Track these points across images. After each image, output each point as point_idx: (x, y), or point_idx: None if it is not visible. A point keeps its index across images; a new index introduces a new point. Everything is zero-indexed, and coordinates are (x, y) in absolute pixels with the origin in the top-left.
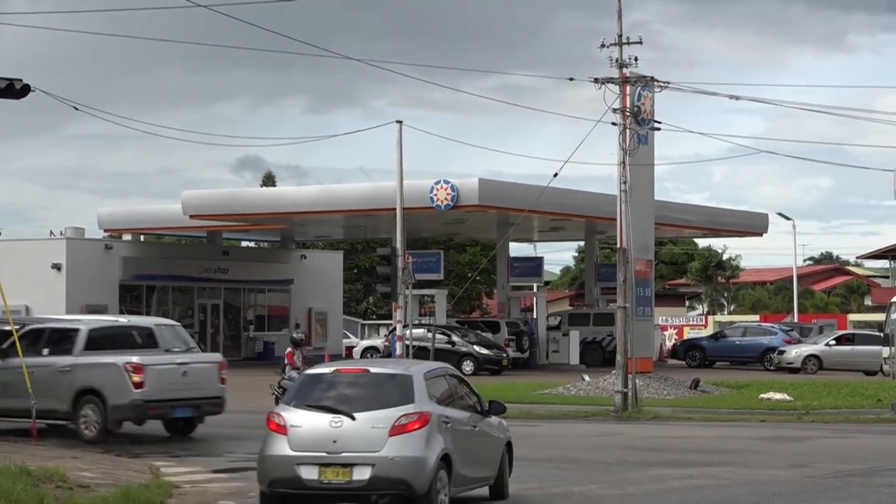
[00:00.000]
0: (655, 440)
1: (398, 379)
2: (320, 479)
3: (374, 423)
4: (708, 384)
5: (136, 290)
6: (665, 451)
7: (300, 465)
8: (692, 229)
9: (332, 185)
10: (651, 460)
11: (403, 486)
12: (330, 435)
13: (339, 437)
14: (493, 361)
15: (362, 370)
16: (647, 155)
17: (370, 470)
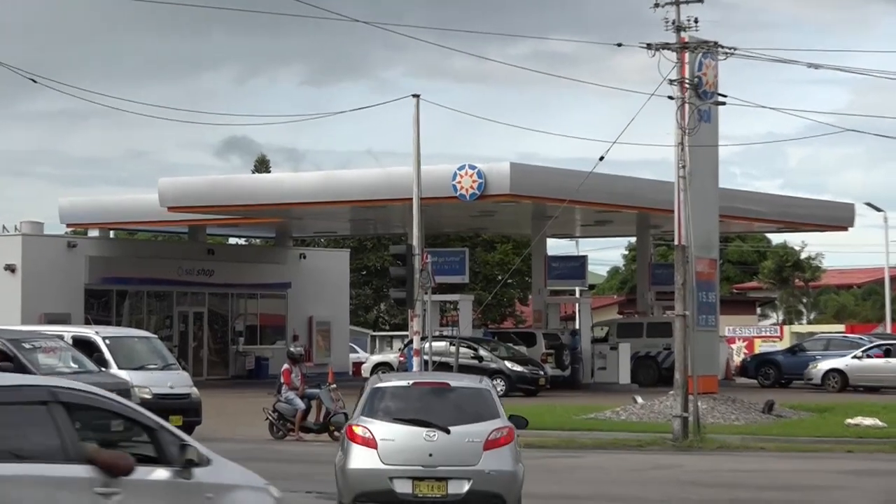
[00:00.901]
0: (722, 474)
1: (481, 393)
2: (415, 492)
3: (469, 437)
4: (784, 407)
5: (104, 295)
6: (733, 488)
7: (394, 479)
8: (764, 222)
9: (336, 171)
10: (717, 499)
11: (498, 501)
12: (425, 448)
13: (434, 451)
14: (528, 380)
15: (444, 384)
16: (710, 134)
17: (467, 484)
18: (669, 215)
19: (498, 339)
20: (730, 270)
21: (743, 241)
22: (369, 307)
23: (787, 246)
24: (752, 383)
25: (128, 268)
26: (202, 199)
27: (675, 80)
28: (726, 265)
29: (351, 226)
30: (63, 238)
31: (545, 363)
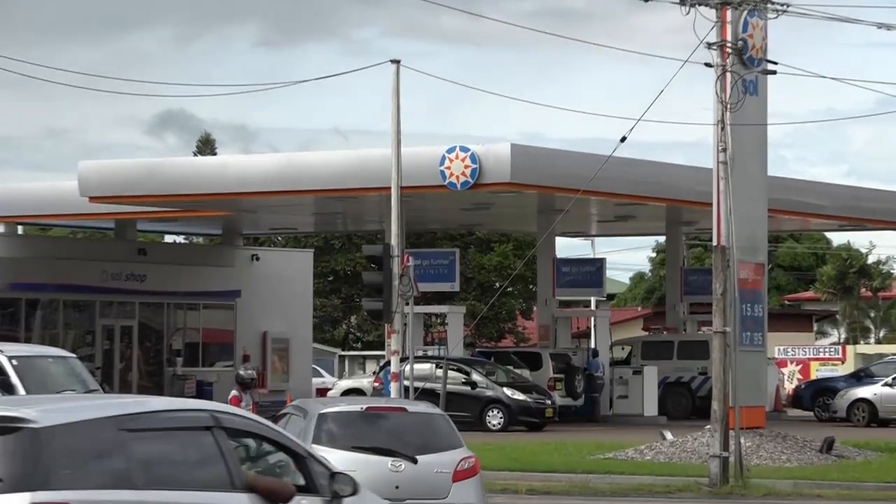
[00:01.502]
0: None
1: (437, 419)
2: None
3: (438, 468)
4: (846, 445)
5: (10, 305)
6: None
7: None
8: (823, 219)
9: (297, 154)
10: None
11: None
12: (391, 480)
13: (401, 483)
14: (531, 411)
15: (400, 408)
16: (757, 110)
17: None
18: (706, 209)
19: (495, 361)
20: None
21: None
22: (337, 321)
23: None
24: (808, 416)
25: (40, 271)
26: (132, 187)
27: (715, 44)
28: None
29: (315, 221)
30: None
31: (553, 390)
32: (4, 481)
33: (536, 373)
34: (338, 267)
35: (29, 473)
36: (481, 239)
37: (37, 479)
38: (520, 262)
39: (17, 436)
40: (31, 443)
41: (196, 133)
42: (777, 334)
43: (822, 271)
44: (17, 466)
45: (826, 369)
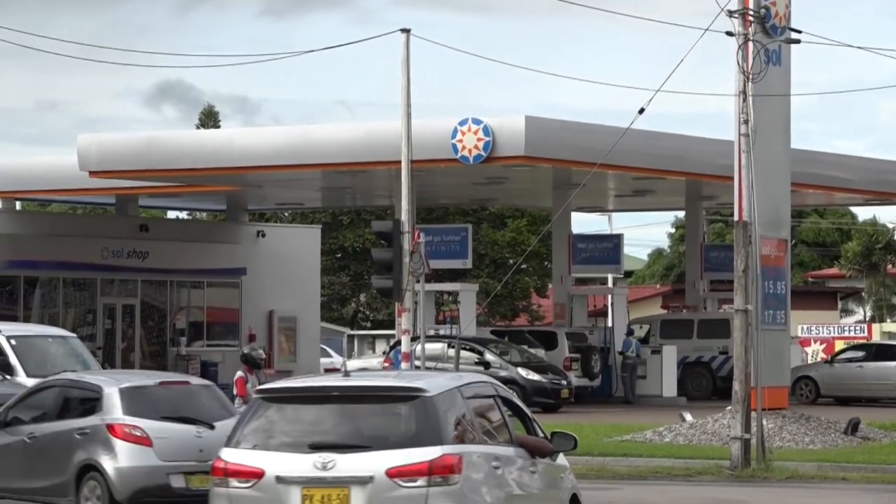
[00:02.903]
0: None
1: (215, 391)
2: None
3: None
4: (872, 427)
5: (9, 283)
6: None
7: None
8: (848, 193)
9: (306, 127)
10: None
11: None
12: (196, 445)
13: (204, 447)
14: (546, 392)
15: (185, 382)
16: (781, 81)
17: None
18: (728, 183)
19: (509, 340)
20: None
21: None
22: (346, 299)
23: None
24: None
25: (38, 248)
26: (134, 161)
27: (737, 12)
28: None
29: (323, 196)
30: None
31: (569, 370)
32: (413, 436)
33: (552, 352)
34: (346, 243)
35: (432, 430)
36: (494, 214)
37: (437, 435)
38: (534, 238)
39: (417, 402)
40: (427, 408)
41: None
42: (800, 312)
43: (846, 247)
44: (422, 425)
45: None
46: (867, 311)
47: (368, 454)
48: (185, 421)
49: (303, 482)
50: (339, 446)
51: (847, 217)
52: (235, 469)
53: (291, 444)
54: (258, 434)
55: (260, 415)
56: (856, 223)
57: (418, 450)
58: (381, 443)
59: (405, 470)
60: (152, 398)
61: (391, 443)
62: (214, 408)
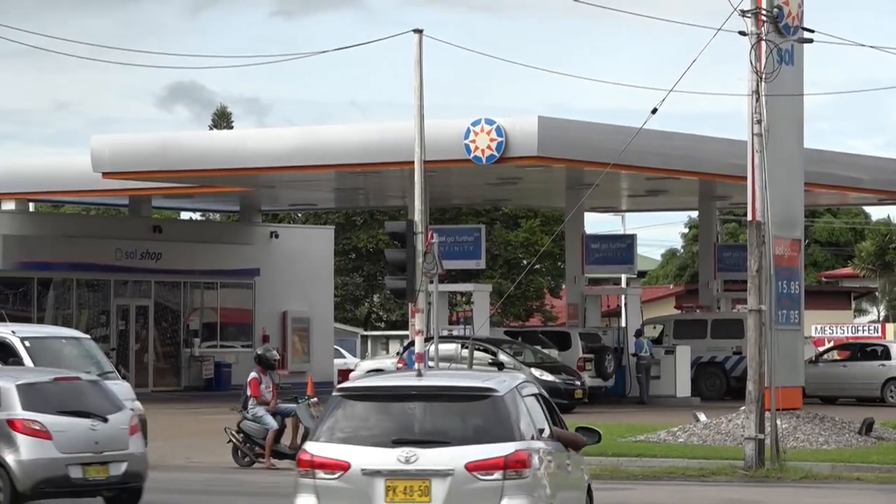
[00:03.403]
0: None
1: (105, 385)
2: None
3: (120, 425)
4: (886, 427)
5: (22, 284)
6: None
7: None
8: (862, 192)
9: (318, 128)
10: None
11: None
12: (91, 437)
13: (99, 439)
14: (560, 392)
15: (76, 378)
16: (794, 81)
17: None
18: (741, 183)
19: (522, 341)
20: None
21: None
22: (359, 300)
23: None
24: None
25: (52, 250)
26: (147, 162)
27: (749, 11)
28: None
29: (336, 196)
30: None
31: (583, 371)
32: (488, 433)
33: (565, 353)
34: (359, 244)
35: (504, 428)
36: (508, 215)
37: (508, 432)
38: (548, 238)
39: (489, 401)
40: (499, 406)
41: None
42: (814, 312)
43: (860, 247)
44: (495, 423)
45: None
46: (881, 311)
47: (448, 449)
48: (80, 415)
49: (387, 475)
50: (421, 442)
51: (860, 216)
52: (322, 461)
53: (375, 439)
54: (341, 429)
55: (341, 411)
56: (869, 223)
57: (495, 445)
58: (458, 439)
59: (483, 464)
60: (47, 394)
61: (468, 439)
62: (105, 402)
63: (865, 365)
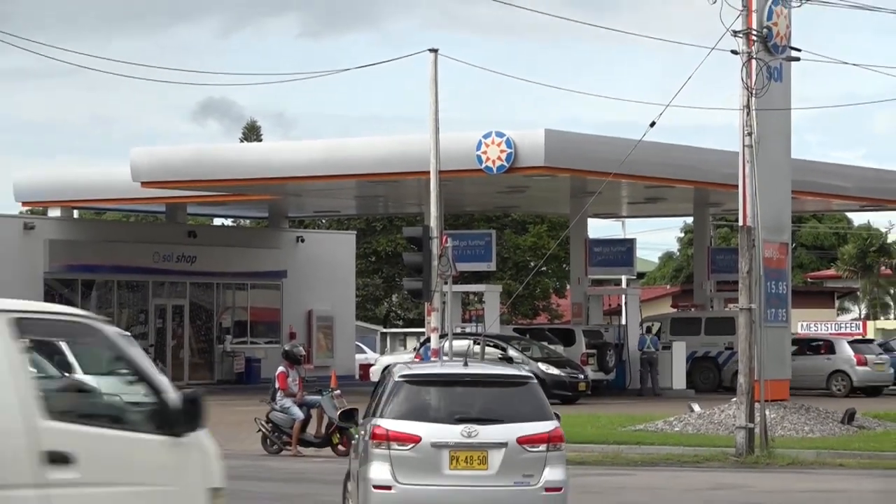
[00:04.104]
0: (794, 496)
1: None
2: None
3: None
4: (867, 416)
5: (67, 285)
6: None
7: None
8: (844, 199)
9: (341, 140)
10: None
11: None
12: None
13: None
14: (565, 385)
15: None
16: (782, 96)
17: None
18: (733, 191)
19: (530, 337)
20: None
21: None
22: (379, 299)
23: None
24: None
25: (95, 253)
26: (182, 172)
27: (741, 32)
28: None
29: (357, 204)
30: (19, 219)
31: (586, 365)
32: (531, 413)
33: (570, 348)
34: (379, 248)
35: (542, 409)
36: (516, 220)
37: (546, 412)
38: (553, 242)
39: (528, 387)
40: (535, 391)
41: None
42: (800, 311)
43: (843, 250)
44: (535, 404)
45: None
46: (862, 310)
47: (502, 426)
48: None
49: (451, 446)
50: (479, 420)
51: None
52: (396, 435)
53: (439, 416)
54: (407, 409)
55: (404, 394)
56: (851, 228)
57: (540, 423)
58: (508, 417)
59: (532, 438)
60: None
61: (516, 417)
62: None
63: (813, 358)
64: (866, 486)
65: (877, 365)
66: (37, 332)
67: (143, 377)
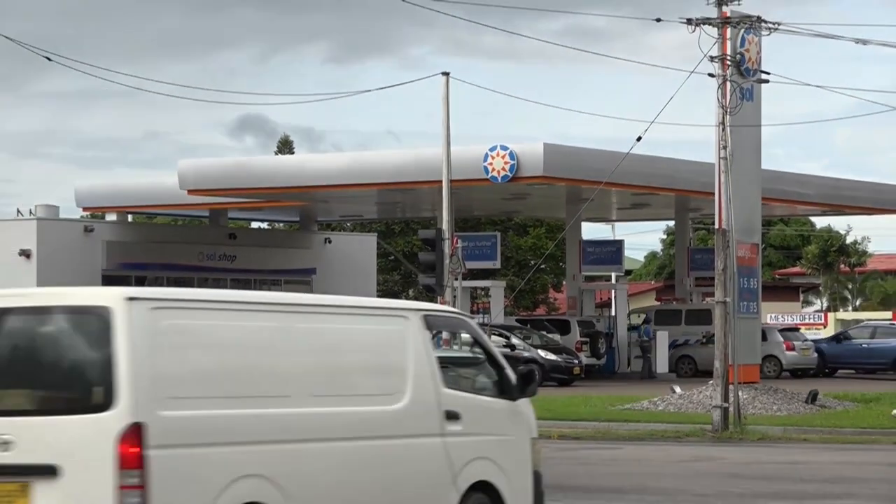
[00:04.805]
0: (763, 467)
1: None
2: None
3: None
4: (828, 397)
5: (122, 281)
6: (775, 481)
7: None
8: (808, 205)
9: (363, 153)
10: (758, 491)
11: None
12: None
13: None
14: (561, 369)
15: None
16: (753, 114)
17: None
18: (710, 198)
19: (530, 327)
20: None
21: (786, 224)
22: (397, 294)
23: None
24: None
25: (147, 253)
26: (224, 181)
27: (717, 57)
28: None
29: (378, 209)
30: (79, 222)
31: (580, 351)
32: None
33: (566, 337)
34: (397, 248)
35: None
36: (518, 224)
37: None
38: (551, 243)
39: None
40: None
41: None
42: (769, 303)
43: (807, 250)
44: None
45: (811, 333)
46: (824, 303)
47: None
48: None
49: None
50: None
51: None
52: None
53: None
54: None
55: None
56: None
57: None
58: None
59: None
60: None
61: None
62: None
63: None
64: (827, 458)
65: (803, 350)
66: (436, 325)
67: (492, 358)
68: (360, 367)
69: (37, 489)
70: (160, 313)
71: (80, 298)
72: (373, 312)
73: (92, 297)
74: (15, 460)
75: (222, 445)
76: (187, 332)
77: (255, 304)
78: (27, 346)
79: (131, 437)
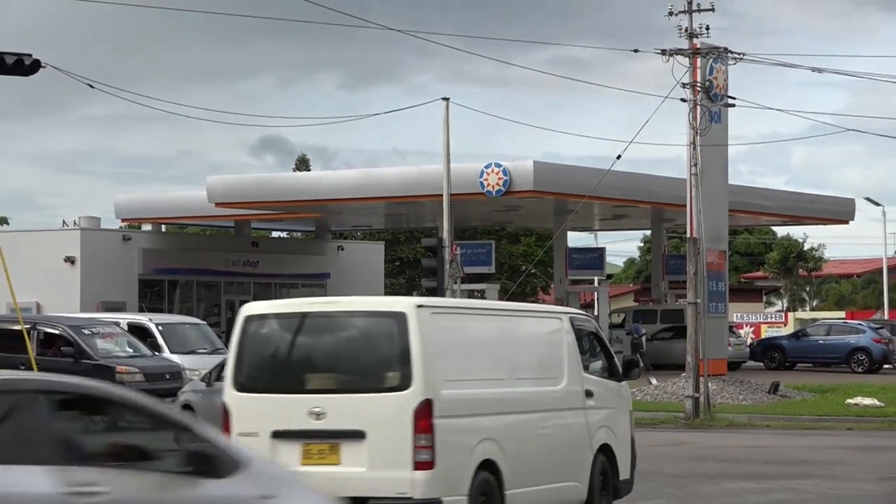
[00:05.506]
0: (730, 450)
1: None
2: None
3: None
4: (788, 388)
5: (156, 285)
6: (741, 463)
7: None
8: (770, 216)
9: (372, 170)
10: (725, 472)
11: None
12: None
13: None
14: None
15: None
16: (720, 134)
17: None
18: (682, 210)
19: None
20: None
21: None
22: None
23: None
24: (759, 366)
25: (178, 259)
26: (248, 195)
27: (688, 84)
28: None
29: (385, 220)
30: (119, 232)
31: None
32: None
33: None
34: (403, 255)
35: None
36: (511, 233)
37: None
38: (540, 250)
39: None
40: None
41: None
42: (735, 304)
43: (769, 256)
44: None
45: (772, 331)
46: (784, 304)
47: None
48: None
49: None
50: None
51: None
52: None
53: None
54: None
55: None
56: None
57: None
58: None
59: None
60: None
61: None
62: None
63: (684, 341)
64: (787, 442)
65: (736, 346)
66: (575, 324)
67: (605, 348)
68: (541, 356)
69: (344, 448)
70: (438, 317)
71: (381, 305)
72: (544, 315)
73: (391, 304)
74: (328, 426)
75: (474, 416)
76: (454, 331)
77: (490, 310)
78: (337, 342)
79: (424, 410)
